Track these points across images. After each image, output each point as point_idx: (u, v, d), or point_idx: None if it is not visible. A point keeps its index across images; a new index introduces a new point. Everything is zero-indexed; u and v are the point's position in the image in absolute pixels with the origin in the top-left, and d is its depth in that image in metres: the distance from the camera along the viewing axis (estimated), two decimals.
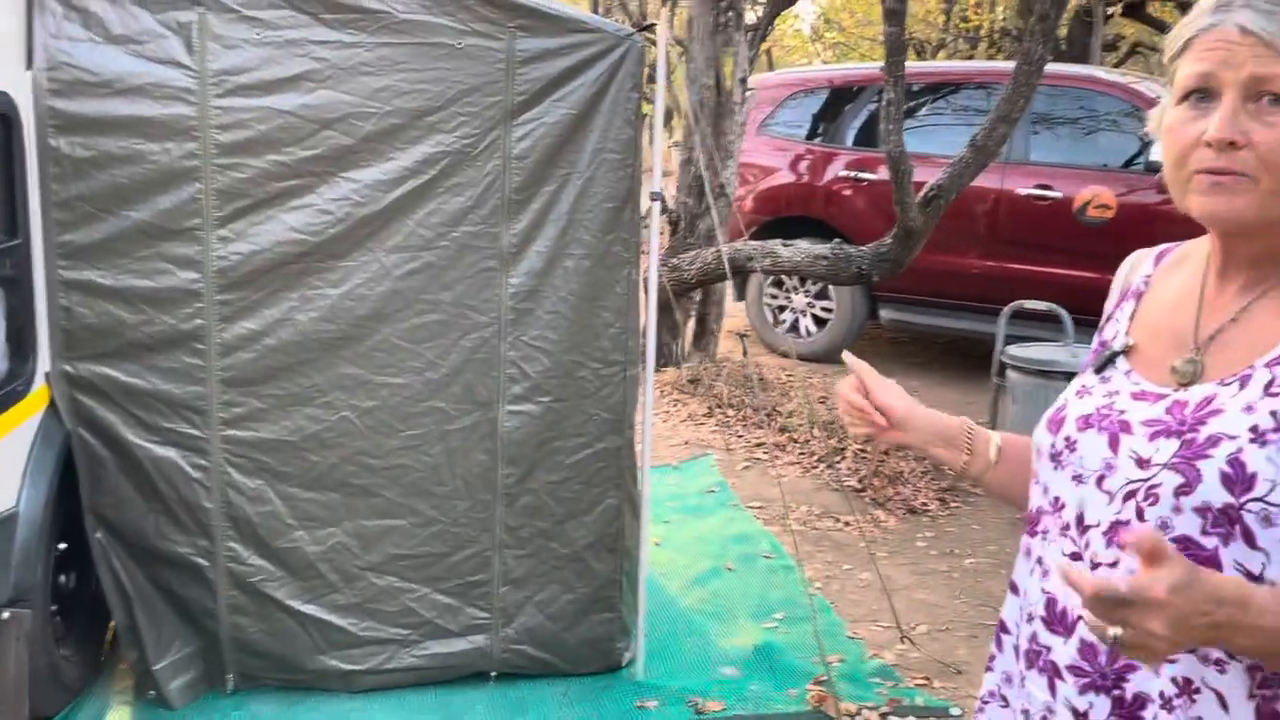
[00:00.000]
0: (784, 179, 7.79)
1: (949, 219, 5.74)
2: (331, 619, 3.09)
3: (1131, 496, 1.09)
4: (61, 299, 2.82)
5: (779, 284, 7.74)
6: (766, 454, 5.41)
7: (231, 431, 2.95)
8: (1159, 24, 12.95)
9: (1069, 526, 1.16)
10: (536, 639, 3.24)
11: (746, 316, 8.09)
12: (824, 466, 5.21)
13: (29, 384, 2.79)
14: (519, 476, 3.12)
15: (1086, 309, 3.16)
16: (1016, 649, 1.24)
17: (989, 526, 4.72)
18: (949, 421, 1.32)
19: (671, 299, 6.21)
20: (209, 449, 2.94)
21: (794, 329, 7.75)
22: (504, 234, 3.00)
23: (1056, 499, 1.18)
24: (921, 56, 14.91)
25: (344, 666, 3.13)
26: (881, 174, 6.62)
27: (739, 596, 3.95)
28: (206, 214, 2.83)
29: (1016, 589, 1.26)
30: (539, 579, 3.21)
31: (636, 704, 3.17)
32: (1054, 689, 1.15)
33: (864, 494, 4.96)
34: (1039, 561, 1.21)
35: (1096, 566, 1.11)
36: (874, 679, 3.37)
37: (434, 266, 2.98)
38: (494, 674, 3.24)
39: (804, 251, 5.85)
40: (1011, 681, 1.25)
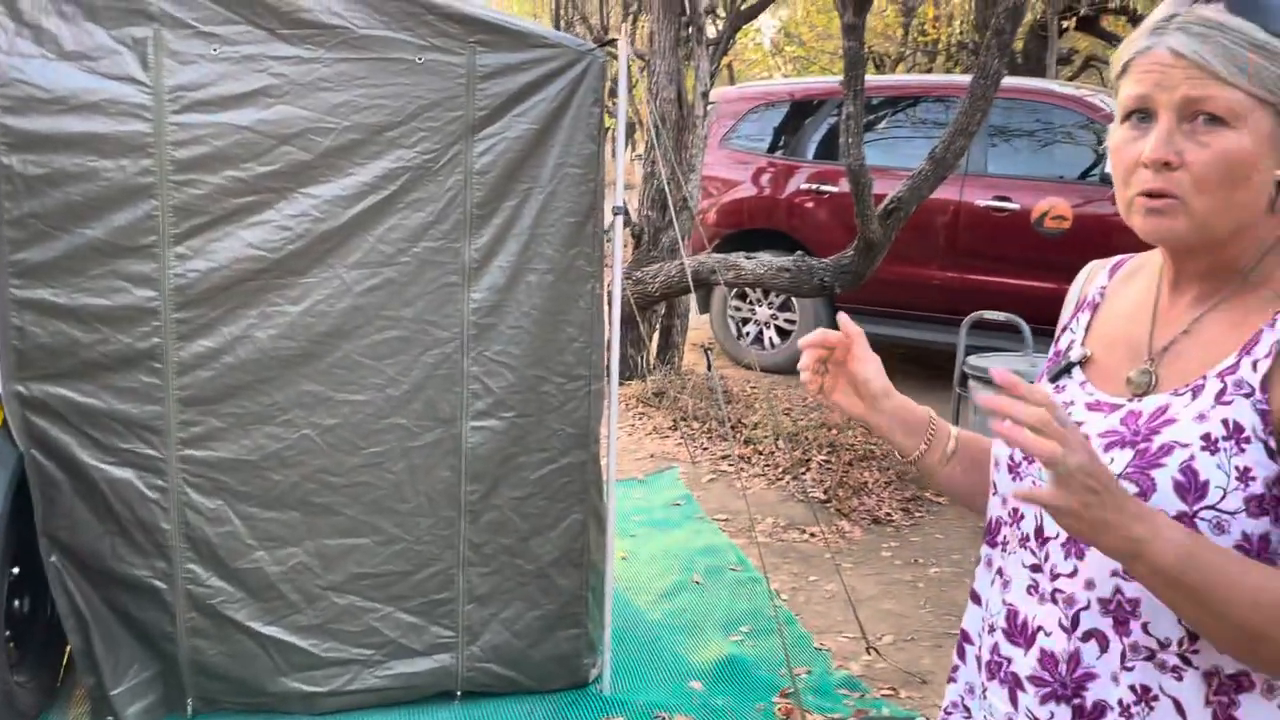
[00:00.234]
0: (746, 192, 7.83)
1: (909, 231, 5.79)
2: (293, 640, 3.05)
3: None
4: (14, 318, 2.76)
5: (742, 296, 7.77)
6: (732, 466, 5.42)
7: (190, 451, 2.91)
8: (1112, 37, 13.18)
9: (1028, 538, 1.16)
10: (502, 656, 3.21)
11: (710, 329, 8.12)
12: (789, 478, 5.23)
13: None
14: (483, 492, 3.10)
15: (1045, 319, 3.20)
16: (978, 660, 1.24)
17: (952, 535, 4.76)
18: (915, 409, 1.32)
19: (635, 312, 6.21)
20: (166, 469, 2.90)
21: (758, 341, 7.79)
22: (466, 249, 2.98)
23: (1015, 510, 1.19)
24: (881, 70, 15.06)
25: (306, 688, 3.08)
26: (843, 186, 6.67)
27: (706, 610, 3.95)
28: (163, 231, 2.79)
29: (978, 599, 1.27)
30: (504, 596, 3.19)
31: None
32: (1015, 700, 1.16)
33: (829, 505, 4.98)
34: (999, 573, 1.21)
35: (1056, 578, 1.12)
36: (841, 690, 3.38)
37: (395, 282, 2.96)
38: (460, 693, 3.21)
39: (767, 264, 5.88)
40: (974, 692, 1.26)
